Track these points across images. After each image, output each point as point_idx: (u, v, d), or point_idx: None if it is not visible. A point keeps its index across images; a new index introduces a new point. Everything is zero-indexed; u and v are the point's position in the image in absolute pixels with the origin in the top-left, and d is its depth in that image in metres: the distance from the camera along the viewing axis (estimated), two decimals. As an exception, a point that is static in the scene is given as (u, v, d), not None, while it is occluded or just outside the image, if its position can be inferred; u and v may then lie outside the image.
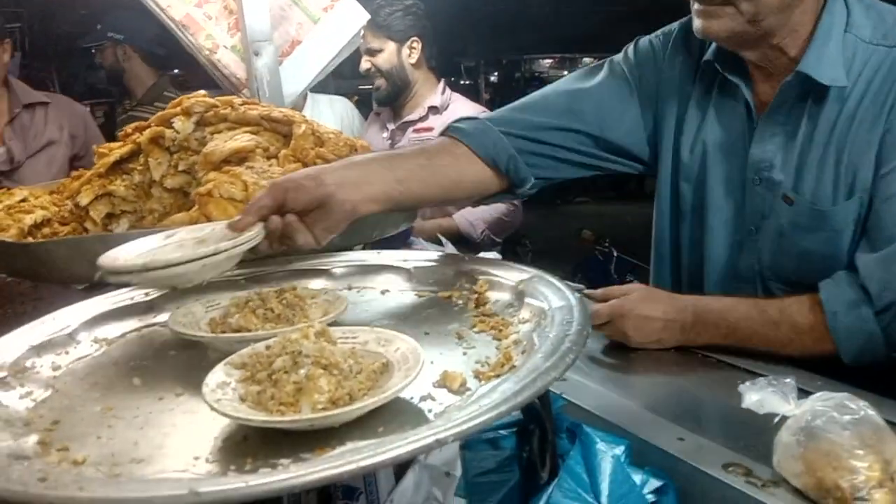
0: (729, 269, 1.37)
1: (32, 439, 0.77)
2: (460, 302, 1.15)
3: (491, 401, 0.73)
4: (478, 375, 0.89)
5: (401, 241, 2.17)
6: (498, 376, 0.87)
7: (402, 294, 1.23)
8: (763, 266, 1.33)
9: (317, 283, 1.26)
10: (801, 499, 0.92)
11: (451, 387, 0.86)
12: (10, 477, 0.63)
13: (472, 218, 2.85)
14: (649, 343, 1.30)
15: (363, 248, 1.68)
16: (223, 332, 1.03)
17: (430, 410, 0.81)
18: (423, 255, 1.35)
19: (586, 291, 1.33)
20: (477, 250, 2.57)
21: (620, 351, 1.37)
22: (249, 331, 1.01)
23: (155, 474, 0.71)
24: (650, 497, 1.03)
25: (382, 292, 1.25)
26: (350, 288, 1.27)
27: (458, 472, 1.31)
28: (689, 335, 1.28)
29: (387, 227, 1.61)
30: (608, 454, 1.02)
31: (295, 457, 0.72)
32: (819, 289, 1.22)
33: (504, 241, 3.02)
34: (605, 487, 1.00)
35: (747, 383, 1.04)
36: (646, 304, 1.28)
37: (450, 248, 1.87)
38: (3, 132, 2.77)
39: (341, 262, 1.38)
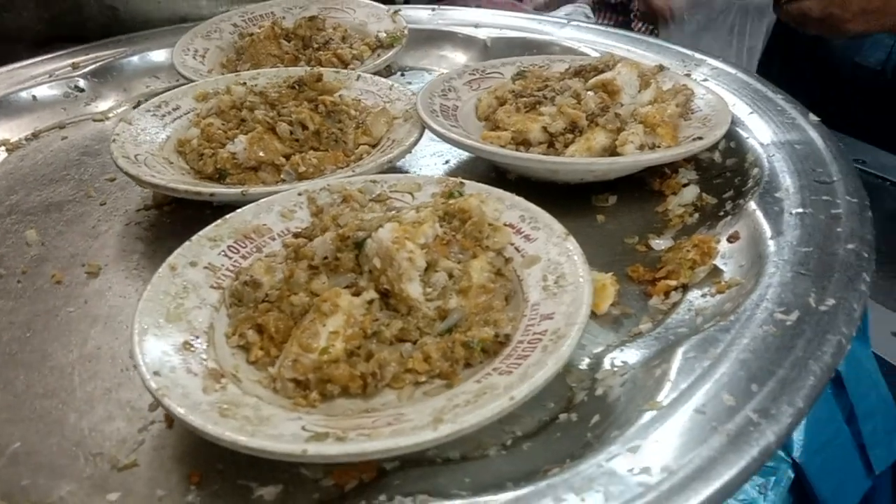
0: None
1: None
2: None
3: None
4: (640, 281, 0.47)
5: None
6: (684, 287, 0.45)
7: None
8: None
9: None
10: None
11: (596, 305, 0.44)
12: None
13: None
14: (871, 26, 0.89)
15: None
16: (217, 174, 0.57)
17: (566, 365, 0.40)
18: (505, 18, 0.85)
19: None
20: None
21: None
22: (277, 170, 0.56)
23: None
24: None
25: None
26: (391, 71, 0.80)
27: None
28: None
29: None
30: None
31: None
32: None
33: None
34: (797, 431, 0.62)
35: None
36: None
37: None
38: None
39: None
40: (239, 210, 0.48)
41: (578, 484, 0.31)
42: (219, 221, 0.47)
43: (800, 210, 0.45)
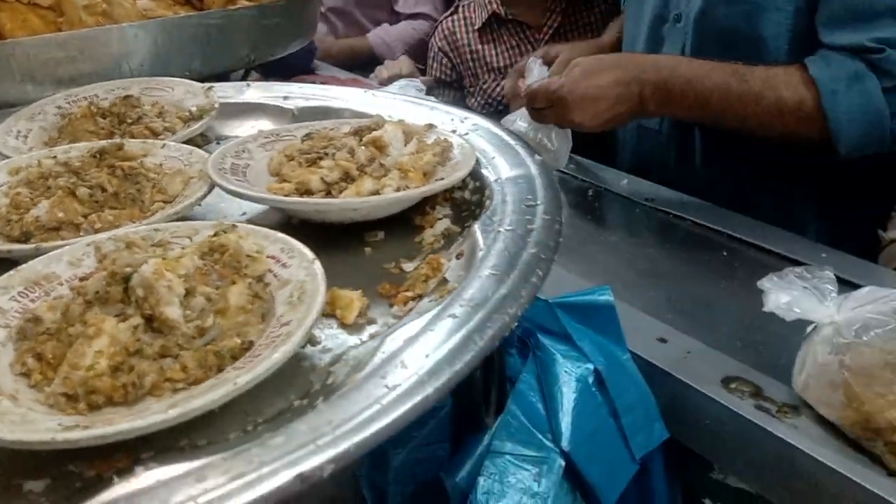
0: None
1: None
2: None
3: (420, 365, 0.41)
4: (387, 295, 0.56)
5: (300, 69, 1.75)
6: (420, 297, 0.54)
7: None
8: (686, 55, 1.20)
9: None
10: (833, 434, 0.66)
11: (344, 317, 0.52)
12: None
13: (390, 38, 2.39)
14: (602, 125, 1.07)
15: (241, 79, 1.27)
16: (23, 236, 0.62)
17: (310, 365, 0.48)
18: (311, 90, 0.96)
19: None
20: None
21: (580, 215, 1.07)
22: (77, 229, 0.62)
23: None
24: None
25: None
26: (207, 140, 0.88)
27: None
28: (647, 107, 1.06)
29: (270, 45, 1.19)
30: (571, 377, 0.74)
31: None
32: (806, 67, 1.00)
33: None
34: (565, 424, 0.72)
35: (771, 278, 0.75)
36: (591, 79, 1.05)
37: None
38: None
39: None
40: (31, 261, 0.54)
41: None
42: (11, 272, 0.53)
43: (507, 227, 0.56)
